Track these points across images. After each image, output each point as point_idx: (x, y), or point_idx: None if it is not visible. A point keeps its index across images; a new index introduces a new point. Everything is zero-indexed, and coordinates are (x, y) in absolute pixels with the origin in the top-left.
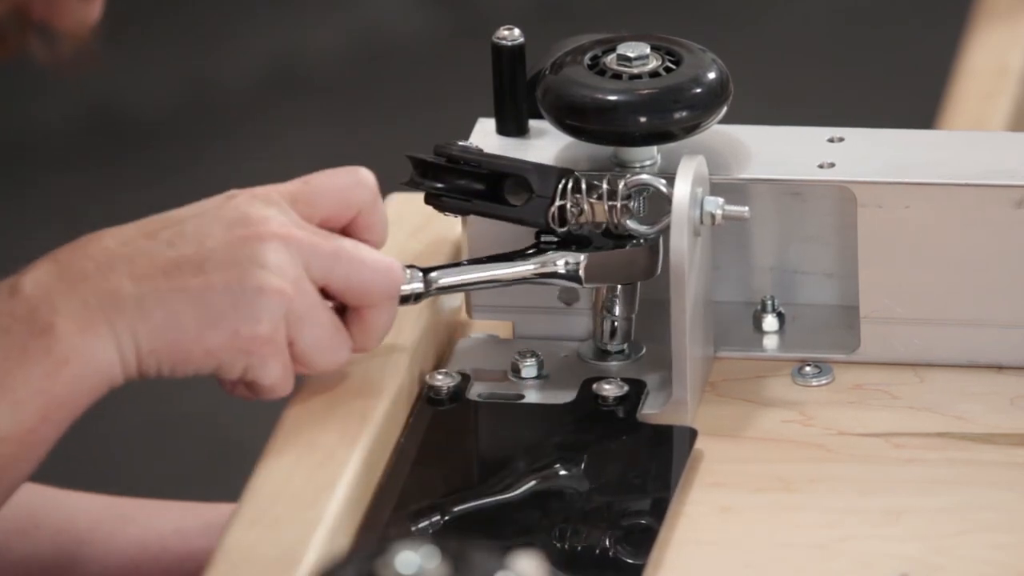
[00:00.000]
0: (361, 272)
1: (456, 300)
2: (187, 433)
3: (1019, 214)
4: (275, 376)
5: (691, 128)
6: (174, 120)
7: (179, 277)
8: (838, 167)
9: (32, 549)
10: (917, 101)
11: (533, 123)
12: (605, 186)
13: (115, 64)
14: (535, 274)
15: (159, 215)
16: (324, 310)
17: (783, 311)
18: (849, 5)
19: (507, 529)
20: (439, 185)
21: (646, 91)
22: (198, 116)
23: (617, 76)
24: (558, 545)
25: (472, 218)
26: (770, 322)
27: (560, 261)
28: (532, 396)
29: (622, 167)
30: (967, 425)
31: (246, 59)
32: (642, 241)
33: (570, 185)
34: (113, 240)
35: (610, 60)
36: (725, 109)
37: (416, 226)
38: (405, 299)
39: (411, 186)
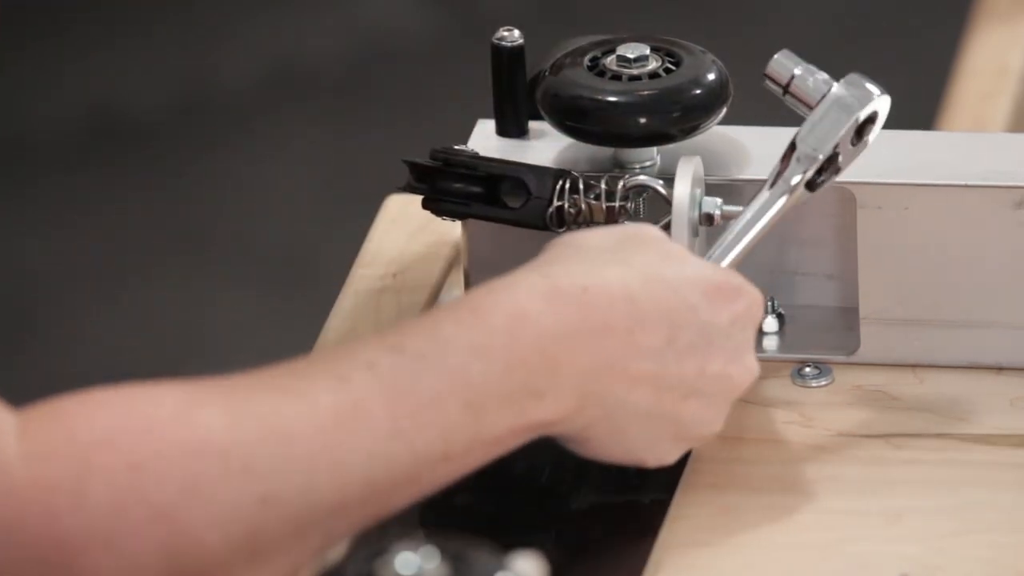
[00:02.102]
0: None
1: None
2: None
3: (1019, 215)
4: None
5: (691, 129)
6: (174, 120)
7: (666, 397)
8: None
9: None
10: (917, 101)
11: (533, 124)
12: (603, 186)
13: (115, 64)
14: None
15: (684, 286)
16: None
17: (783, 312)
18: (849, 5)
19: (507, 529)
20: (435, 189)
21: (646, 92)
22: (198, 116)
23: (617, 77)
24: (558, 545)
25: (472, 220)
26: (770, 323)
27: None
28: None
29: (622, 168)
30: (967, 426)
31: (246, 59)
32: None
33: (567, 186)
34: (637, 323)
35: (610, 61)
36: (725, 110)
37: (416, 228)
38: None
39: (407, 191)
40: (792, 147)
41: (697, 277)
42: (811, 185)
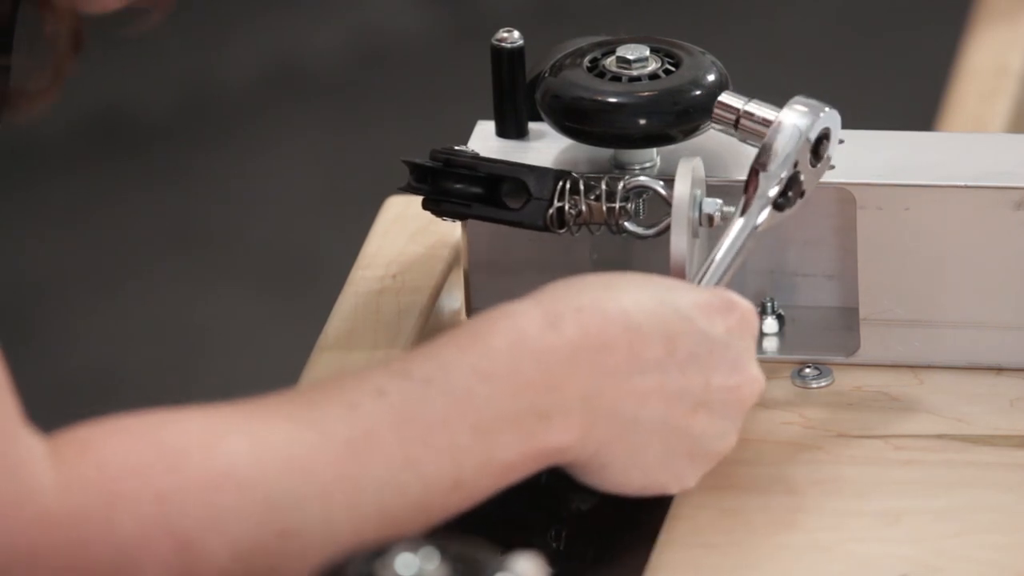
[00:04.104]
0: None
1: (456, 301)
2: None
3: (1018, 216)
4: None
5: (690, 130)
6: (174, 120)
7: (675, 409)
8: (837, 169)
9: None
10: (917, 102)
11: (533, 125)
12: (603, 187)
13: (115, 64)
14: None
15: (677, 299)
16: None
17: (783, 313)
18: (848, 6)
19: (507, 529)
20: (436, 190)
21: (645, 93)
22: (198, 116)
23: (616, 78)
24: (557, 546)
25: (471, 221)
26: (770, 324)
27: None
28: None
29: (621, 169)
30: (967, 427)
31: (246, 59)
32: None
33: (568, 186)
34: (636, 336)
35: (609, 62)
36: None
37: (416, 229)
38: None
39: (407, 191)
40: (753, 174)
41: (688, 295)
42: (779, 206)
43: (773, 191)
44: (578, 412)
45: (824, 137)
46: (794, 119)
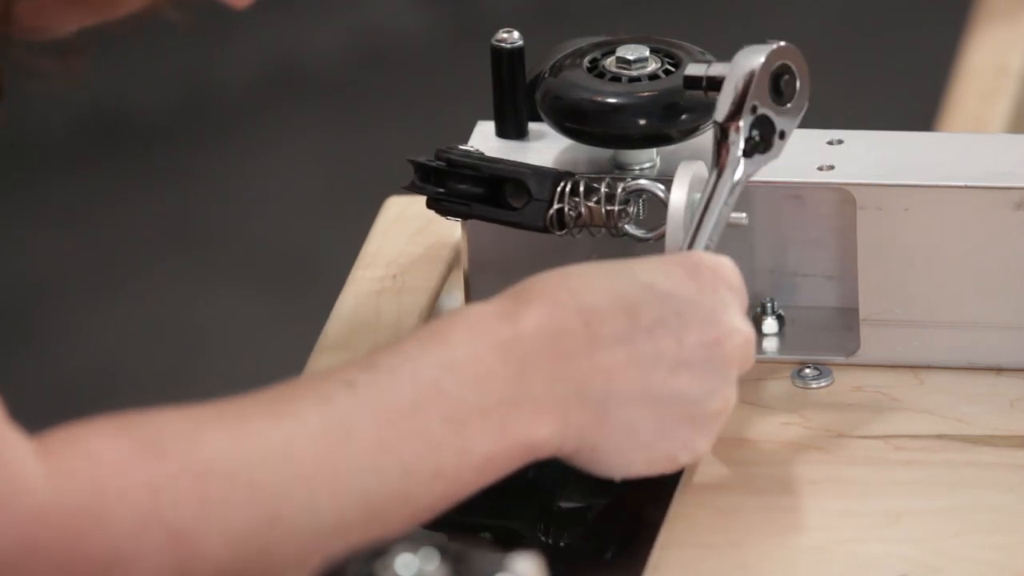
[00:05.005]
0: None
1: (456, 301)
2: None
3: (1018, 216)
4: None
5: (690, 131)
6: (174, 120)
7: (652, 377)
8: (837, 169)
9: None
10: (917, 102)
11: (533, 126)
12: (603, 189)
13: (115, 64)
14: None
15: (635, 269)
16: None
17: (783, 313)
18: (848, 5)
19: (506, 530)
20: (440, 189)
21: (645, 94)
22: (198, 116)
23: (616, 79)
24: (556, 546)
25: (472, 221)
26: (770, 324)
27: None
28: None
29: (621, 169)
30: (966, 427)
31: (246, 59)
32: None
33: (568, 188)
34: (591, 315)
35: (609, 63)
36: None
37: (416, 229)
38: None
39: (411, 190)
40: (717, 129)
41: (647, 265)
42: (748, 153)
43: (740, 141)
44: (547, 400)
45: (784, 73)
46: (738, 60)
